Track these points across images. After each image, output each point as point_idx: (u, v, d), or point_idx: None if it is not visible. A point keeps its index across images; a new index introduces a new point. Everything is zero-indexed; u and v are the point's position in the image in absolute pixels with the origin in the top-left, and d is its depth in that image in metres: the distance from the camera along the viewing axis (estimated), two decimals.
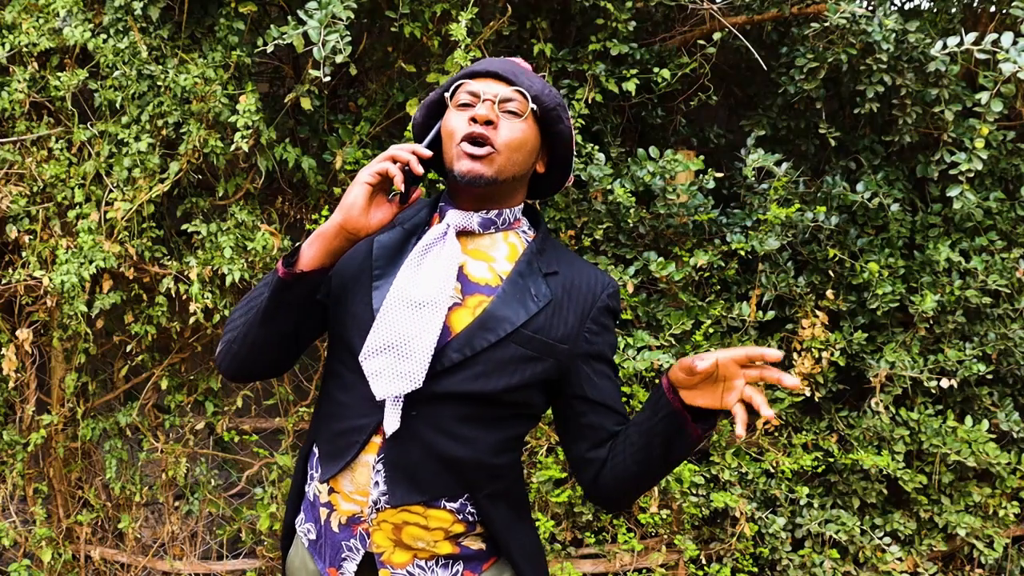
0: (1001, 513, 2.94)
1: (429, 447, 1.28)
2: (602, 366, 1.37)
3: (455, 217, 1.34)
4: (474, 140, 1.29)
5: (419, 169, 1.27)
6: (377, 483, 1.30)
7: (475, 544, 1.36)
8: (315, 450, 1.40)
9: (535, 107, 1.32)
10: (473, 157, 1.28)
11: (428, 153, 1.29)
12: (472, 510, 1.33)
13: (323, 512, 1.38)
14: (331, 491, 1.35)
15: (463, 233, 1.36)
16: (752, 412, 2.92)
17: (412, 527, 1.31)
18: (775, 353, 1.12)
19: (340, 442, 1.33)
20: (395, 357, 1.24)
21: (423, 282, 1.27)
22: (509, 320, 1.28)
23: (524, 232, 1.42)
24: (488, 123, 1.29)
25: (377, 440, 1.29)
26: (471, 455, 1.30)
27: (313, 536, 1.41)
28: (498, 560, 1.38)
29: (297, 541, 1.46)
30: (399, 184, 1.26)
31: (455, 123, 1.32)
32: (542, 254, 1.37)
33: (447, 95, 1.35)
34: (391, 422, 1.26)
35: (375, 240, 1.37)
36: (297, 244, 1.31)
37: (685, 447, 1.26)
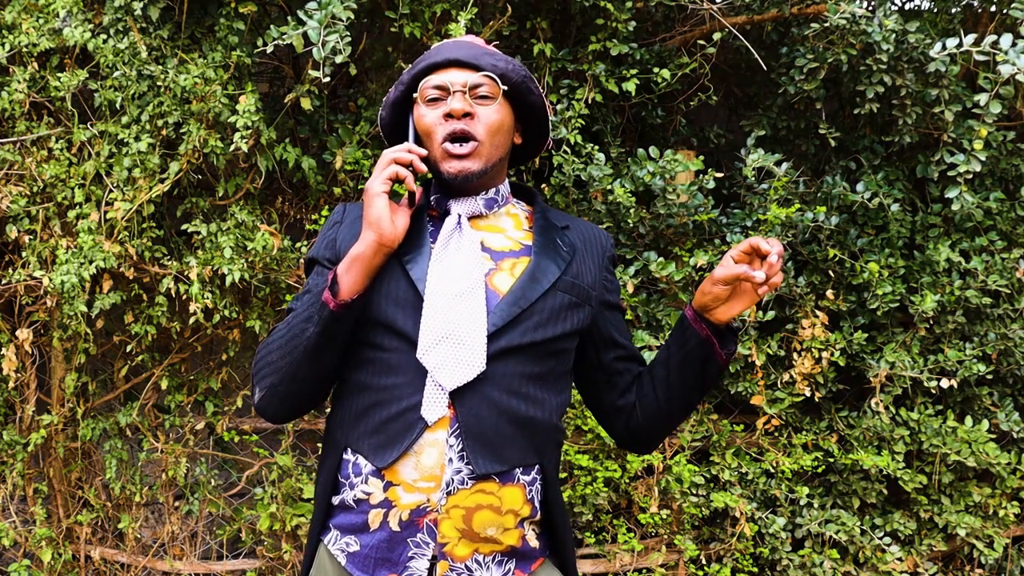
0: (1001, 513, 2.94)
1: (503, 410, 1.27)
2: (619, 315, 1.44)
3: (462, 206, 1.37)
4: (456, 138, 1.30)
5: (422, 167, 1.28)
6: (451, 460, 1.25)
7: (532, 540, 1.34)
8: (348, 455, 1.32)
9: (505, 87, 1.34)
10: (460, 156, 1.30)
11: (423, 152, 1.30)
12: (539, 486, 1.33)
13: (376, 515, 1.29)
14: (388, 486, 1.27)
15: (472, 218, 1.39)
16: (752, 412, 2.93)
17: (485, 511, 1.26)
18: (765, 246, 1.22)
19: (394, 427, 1.26)
20: (453, 345, 1.24)
21: (454, 273, 1.29)
22: (552, 270, 1.33)
23: (517, 203, 1.47)
24: (466, 115, 1.30)
25: (446, 413, 1.25)
26: (542, 415, 1.31)
27: (356, 548, 1.31)
28: (545, 561, 1.38)
29: (323, 562, 1.35)
30: (410, 184, 1.27)
31: (430, 121, 1.32)
32: (550, 213, 1.44)
33: (415, 91, 1.35)
34: (434, 407, 1.24)
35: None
36: (332, 274, 1.28)
37: (714, 374, 1.35)
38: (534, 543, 1.35)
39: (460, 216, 1.35)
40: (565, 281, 1.34)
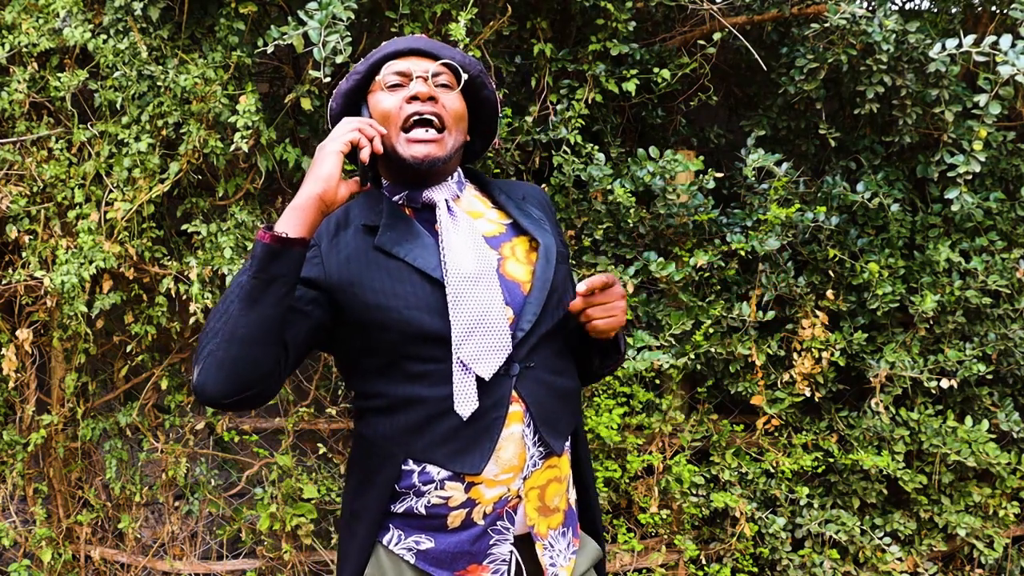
0: (1001, 513, 2.94)
1: (553, 389, 1.34)
2: (566, 265, 1.47)
3: (440, 192, 1.38)
4: (424, 121, 1.30)
5: (380, 147, 1.27)
6: (528, 448, 1.31)
7: (573, 499, 1.44)
8: (411, 466, 1.30)
9: (465, 77, 1.36)
10: (427, 141, 1.31)
11: (383, 131, 1.29)
12: (571, 445, 1.41)
13: (457, 516, 1.30)
14: (470, 486, 1.29)
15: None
16: (752, 412, 2.93)
17: (554, 484, 1.35)
18: (580, 286, 1.28)
19: (468, 433, 1.27)
20: (483, 334, 1.26)
21: (462, 258, 1.29)
22: (552, 245, 1.38)
23: (468, 184, 1.49)
24: (430, 99, 1.31)
25: (517, 408, 1.29)
26: (573, 384, 1.41)
27: (429, 545, 1.32)
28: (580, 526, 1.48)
29: (383, 563, 1.34)
30: (365, 156, 1.25)
31: (390, 105, 1.32)
32: (504, 190, 1.47)
33: (377, 78, 1.35)
34: (467, 401, 1.26)
35: (375, 241, 1.33)
36: (269, 223, 1.29)
37: (596, 370, 1.47)
38: (573, 503, 1.44)
39: (447, 201, 1.36)
40: (560, 252, 1.39)
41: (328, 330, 1.34)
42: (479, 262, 1.29)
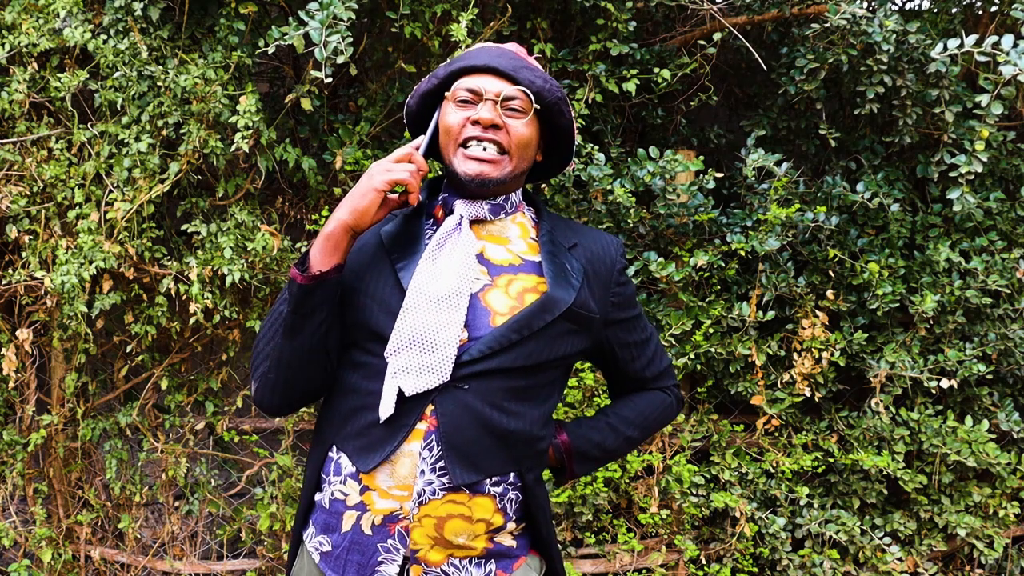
0: (1001, 513, 2.94)
1: (484, 422, 1.27)
2: (630, 323, 1.45)
3: (466, 208, 1.34)
4: (481, 141, 1.28)
5: (417, 193, 1.29)
6: (423, 471, 1.25)
7: (507, 541, 1.35)
8: (333, 453, 1.33)
9: (538, 106, 1.31)
10: (482, 160, 1.28)
11: (426, 168, 1.29)
12: (512, 495, 1.32)
13: (350, 517, 1.30)
14: (364, 489, 1.28)
15: (475, 221, 1.36)
16: (752, 412, 2.93)
17: (456, 520, 1.27)
18: None
19: (377, 432, 1.27)
20: (422, 351, 1.23)
21: (442, 276, 1.27)
22: (564, 300, 1.31)
23: (527, 210, 1.44)
24: (493, 126, 1.27)
25: (422, 427, 1.25)
26: (522, 427, 1.31)
27: (328, 548, 1.33)
28: (527, 559, 1.39)
29: (303, 557, 1.37)
30: (413, 200, 1.29)
31: (454, 121, 1.30)
32: (556, 229, 1.40)
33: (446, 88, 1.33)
34: (386, 405, 1.24)
35: (380, 230, 1.35)
36: (304, 251, 1.28)
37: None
38: (511, 543, 1.35)
39: (462, 218, 1.33)
40: (572, 311, 1.32)
41: None
42: (456, 285, 1.26)
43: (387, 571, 1.29)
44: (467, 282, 1.27)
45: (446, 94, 1.33)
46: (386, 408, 1.24)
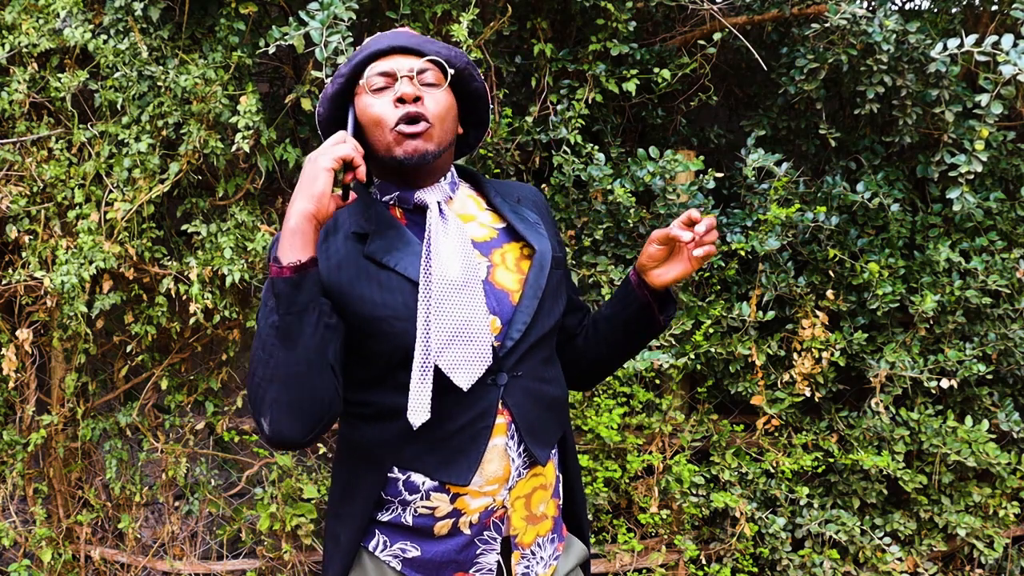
0: (1001, 513, 2.94)
1: (539, 398, 1.33)
2: (563, 269, 1.46)
3: (432, 194, 1.33)
4: (409, 119, 1.27)
5: (364, 176, 1.22)
6: (513, 460, 1.29)
7: (559, 502, 1.44)
8: (397, 474, 1.29)
9: (452, 71, 1.32)
10: (414, 135, 1.27)
11: (362, 150, 1.23)
12: (556, 453, 1.41)
13: (443, 525, 1.30)
14: (456, 497, 1.28)
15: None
16: (752, 412, 2.93)
17: (539, 491, 1.35)
18: (695, 214, 1.32)
19: (455, 442, 1.26)
20: (463, 343, 1.22)
21: (448, 264, 1.25)
22: (547, 251, 1.36)
23: (464, 184, 1.46)
24: (416, 99, 1.27)
25: (501, 421, 1.28)
26: (560, 392, 1.40)
27: (416, 553, 1.31)
28: (567, 530, 1.50)
29: (367, 568, 1.33)
30: (362, 175, 1.21)
31: (380, 109, 1.28)
32: (500, 192, 1.45)
33: (360, 81, 1.31)
34: (420, 409, 1.21)
35: (354, 247, 1.29)
36: (272, 255, 1.21)
37: (653, 334, 1.48)
38: (557, 511, 1.43)
39: (440, 203, 1.32)
40: (555, 258, 1.37)
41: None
42: (466, 269, 1.25)
43: (486, 561, 1.32)
44: (473, 264, 1.27)
45: (357, 89, 1.31)
46: (422, 412, 1.22)
